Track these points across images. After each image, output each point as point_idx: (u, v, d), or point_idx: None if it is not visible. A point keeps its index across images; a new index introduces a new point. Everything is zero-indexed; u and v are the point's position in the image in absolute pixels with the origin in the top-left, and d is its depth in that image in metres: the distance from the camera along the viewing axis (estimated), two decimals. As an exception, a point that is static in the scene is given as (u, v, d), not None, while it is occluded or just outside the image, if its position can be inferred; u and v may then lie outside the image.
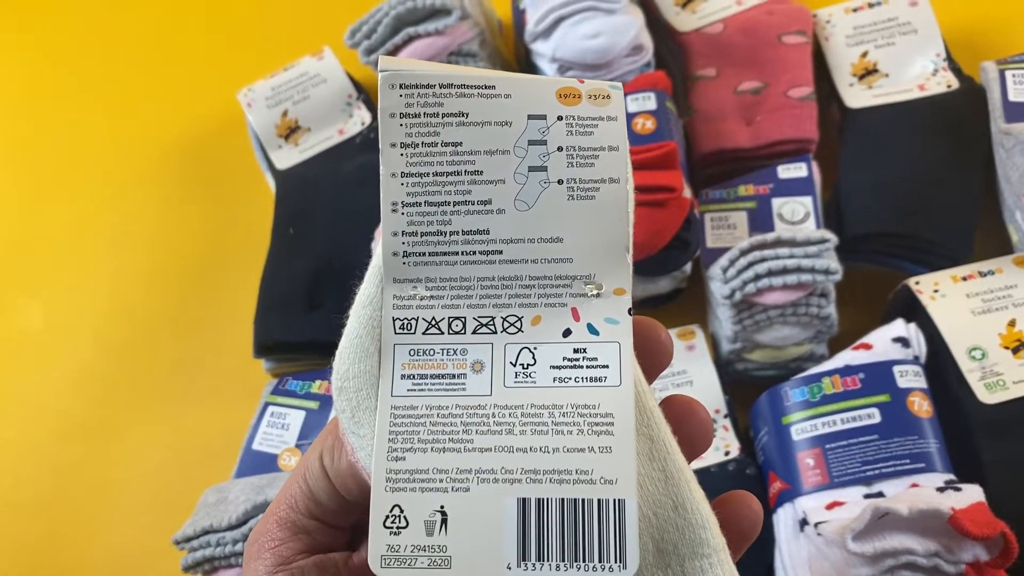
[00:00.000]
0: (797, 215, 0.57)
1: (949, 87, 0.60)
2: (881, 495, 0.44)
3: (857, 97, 0.62)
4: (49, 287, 0.75)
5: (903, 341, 0.49)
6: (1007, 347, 0.48)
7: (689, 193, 0.56)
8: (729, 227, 0.58)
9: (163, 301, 0.72)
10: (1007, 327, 0.49)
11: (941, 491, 0.43)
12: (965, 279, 0.51)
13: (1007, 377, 0.47)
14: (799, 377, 0.50)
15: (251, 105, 0.71)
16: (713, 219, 0.59)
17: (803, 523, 0.45)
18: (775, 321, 0.53)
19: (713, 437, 0.24)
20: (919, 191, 0.56)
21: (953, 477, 0.45)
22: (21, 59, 0.92)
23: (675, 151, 0.54)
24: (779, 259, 0.51)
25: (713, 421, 0.47)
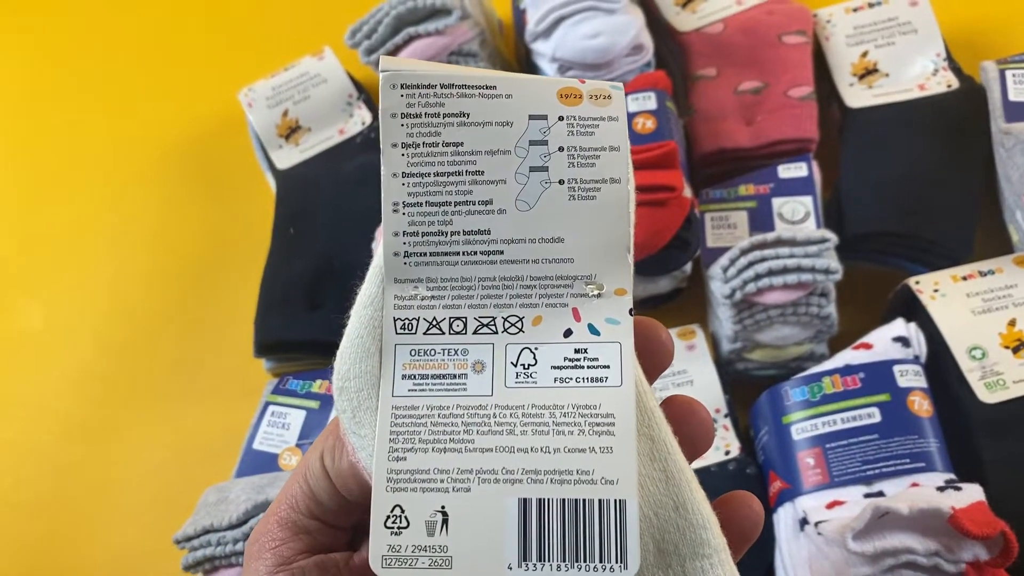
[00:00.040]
0: (797, 215, 0.57)
1: (949, 87, 0.60)
2: (881, 494, 0.44)
3: (857, 97, 0.62)
4: (49, 287, 0.75)
5: (903, 341, 0.50)
6: (1007, 347, 0.48)
7: (689, 193, 0.56)
8: (729, 227, 0.58)
9: (163, 301, 0.72)
10: (1007, 327, 0.49)
11: (941, 490, 0.43)
12: (965, 279, 0.51)
13: (1007, 376, 0.47)
14: (799, 377, 0.50)
15: (252, 105, 0.71)
16: (713, 219, 0.59)
17: (803, 522, 0.45)
18: (775, 321, 0.53)
19: (714, 437, 0.24)
20: (919, 191, 0.56)
21: (953, 476, 0.45)
22: (21, 59, 0.92)
23: (675, 150, 0.54)
24: (779, 258, 0.51)
25: (713, 421, 0.47)
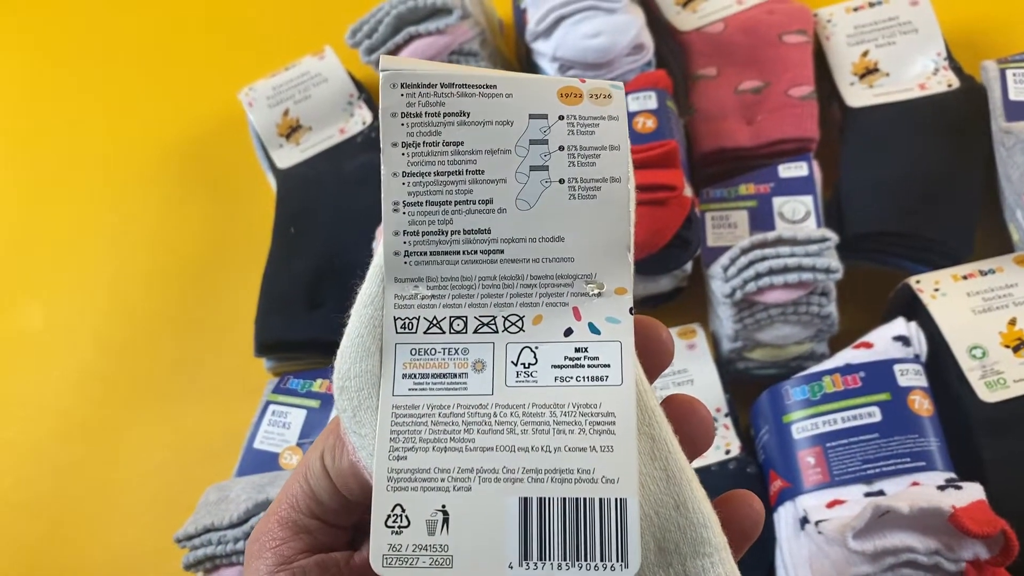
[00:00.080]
0: (798, 214, 0.57)
1: (950, 86, 0.60)
2: (882, 493, 0.44)
3: (858, 96, 0.62)
4: (49, 287, 0.75)
5: (904, 340, 0.49)
6: (1007, 346, 0.48)
7: (690, 192, 0.56)
8: (730, 226, 0.58)
9: (163, 301, 0.72)
10: (1007, 326, 0.48)
11: (942, 489, 0.43)
12: (966, 278, 0.51)
13: (1007, 376, 0.47)
14: (800, 376, 0.50)
15: (252, 104, 0.71)
16: (714, 218, 0.59)
17: (804, 521, 0.45)
18: (776, 320, 0.53)
19: (714, 436, 0.24)
20: (920, 190, 0.56)
21: (954, 475, 0.45)
22: (21, 59, 0.92)
23: (676, 150, 0.54)
24: (780, 258, 0.51)
25: (714, 420, 0.47)
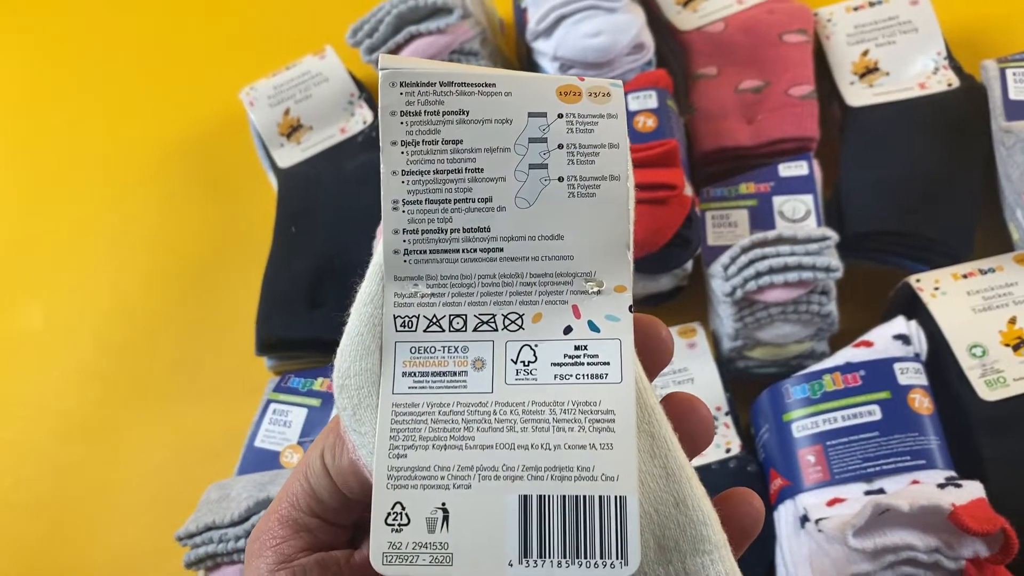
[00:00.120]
0: (798, 213, 0.57)
1: (950, 85, 0.60)
2: (882, 491, 0.44)
3: (858, 95, 0.62)
4: (49, 287, 0.75)
5: (904, 338, 0.50)
6: (1007, 344, 0.48)
7: (690, 191, 0.56)
8: (730, 225, 0.58)
9: (163, 301, 0.72)
10: (1007, 324, 0.49)
11: (942, 487, 0.43)
12: (966, 277, 0.51)
13: (1007, 374, 0.47)
14: (800, 374, 0.50)
15: (253, 104, 0.71)
16: (714, 217, 0.59)
17: (804, 520, 0.45)
18: (776, 318, 0.53)
19: (714, 434, 0.24)
20: (920, 189, 0.56)
21: (954, 474, 0.45)
22: (21, 59, 0.92)
23: (676, 149, 0.54)
24: (780, 256, 0.51)
25: (714, 418, 0.47)
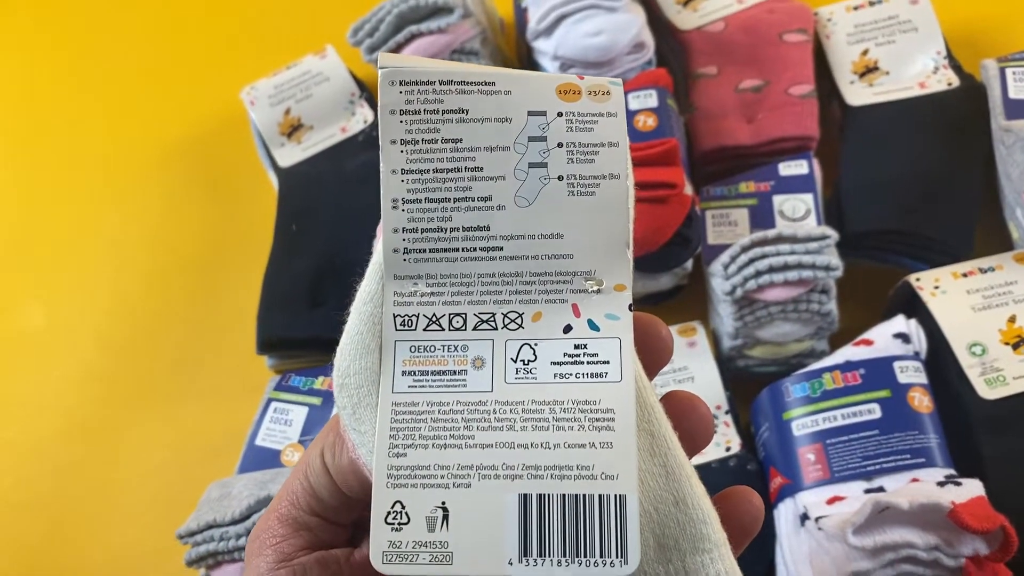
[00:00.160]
0: (798, 212, 0.57)
1: (950, 85, 0.60)
2: (882, 490, 0.44)
3: (858, 95, 0.62)
4: (50, 287, 0.75)
5: (904, 337, 0.50)
6: (1007, 343, 0.48)
7: (690, 190, 0.56)
8: (730, 224, 0.58)
9: (164, 301, 0.72)
10: (1007, 323, 0.49)
11: (941, 486, 0.43)
12: (966, 275, 0.51)
13: (1007, 373, 0.47)
14: (800, 373, 0.50)
15: (254, 103, 0.71)
16: (714, 216, 0.59)
17: (804, 518, 0.45)
18: (776, 317, 0.53)
19: (714, 433, 0.24)
20: (920, 188, 0.56)
21: (953, 472, 0.45)
22: (21, 59, 0.92)
23: (676, 147, 0.54)
24: (780, 255, 0.51)
25: (714, 417, 0.47)
